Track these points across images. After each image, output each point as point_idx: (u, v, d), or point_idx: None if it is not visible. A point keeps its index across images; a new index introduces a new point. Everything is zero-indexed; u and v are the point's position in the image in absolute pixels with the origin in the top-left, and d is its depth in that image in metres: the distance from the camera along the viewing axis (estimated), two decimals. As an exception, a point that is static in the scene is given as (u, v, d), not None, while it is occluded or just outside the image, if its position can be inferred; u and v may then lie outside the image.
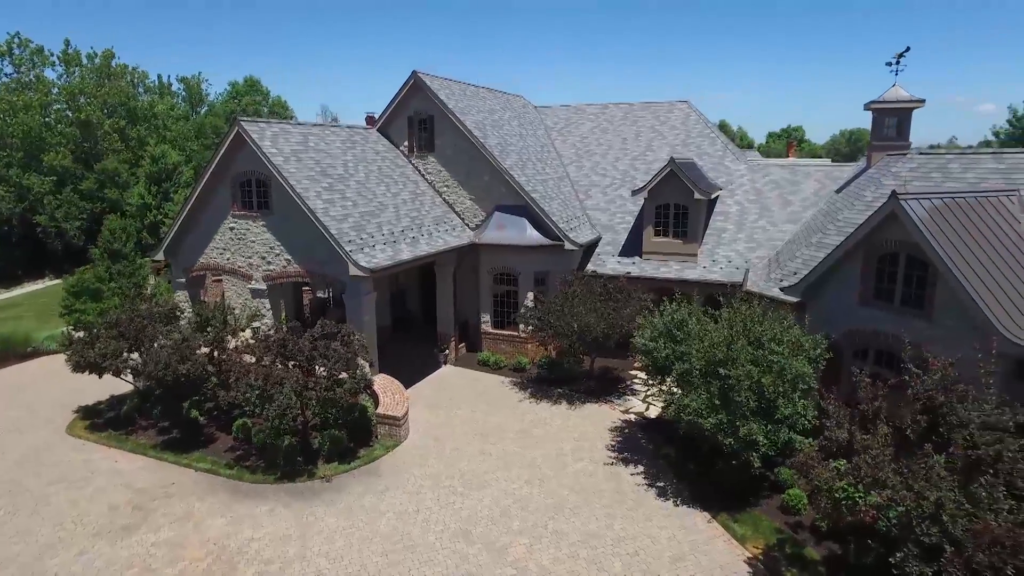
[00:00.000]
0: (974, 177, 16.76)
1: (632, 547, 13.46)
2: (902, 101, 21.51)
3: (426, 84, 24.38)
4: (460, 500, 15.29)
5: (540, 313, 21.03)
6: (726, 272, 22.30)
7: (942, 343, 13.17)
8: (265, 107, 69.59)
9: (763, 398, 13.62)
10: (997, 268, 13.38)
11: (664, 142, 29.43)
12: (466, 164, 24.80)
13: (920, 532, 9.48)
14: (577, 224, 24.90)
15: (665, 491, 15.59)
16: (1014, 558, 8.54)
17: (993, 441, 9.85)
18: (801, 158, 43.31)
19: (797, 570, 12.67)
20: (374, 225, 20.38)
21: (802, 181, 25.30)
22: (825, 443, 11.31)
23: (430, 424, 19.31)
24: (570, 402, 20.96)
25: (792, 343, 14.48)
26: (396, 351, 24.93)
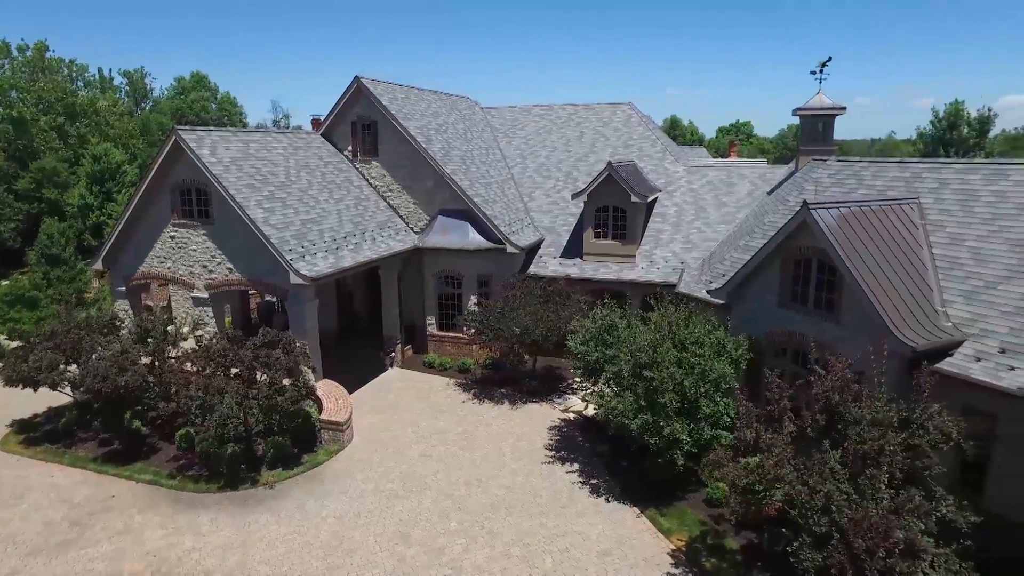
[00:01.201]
0: (882, 184, 17.82)
1: (563, 543, 14.13)
2: (825, 108, 22.62)
3: (368, 89, 24.60)
4: (400, 503, 15.76)
5: (481, 316, 21.56)
6: (663, 273, 23.14)
7: (848, 343, 14.12)
8: (213, 104, 68.51)
9: (686, 399, 14.41)
10: (895, 273, 14.37)
11: (607, 144, 30.18)
12: (410, 169, 25.11)
13: (812, 523, 10.33)
14: (520, 227, 25.46)
15: (598, 488, 16.31)
16: (884, 541, 9.42)
17: (878, 436, 10.75)
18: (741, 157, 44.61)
19: (716, 560, 13.52)
20: (316, 232, 20.60)
21: (737, 182, 26.31)
22: (735, 442, 12.11)
23: (374, 428, 19.70)
24: (512, 402, 21.57)
25: (715, 345, 15.32)
26: (343, 354, 25.18)
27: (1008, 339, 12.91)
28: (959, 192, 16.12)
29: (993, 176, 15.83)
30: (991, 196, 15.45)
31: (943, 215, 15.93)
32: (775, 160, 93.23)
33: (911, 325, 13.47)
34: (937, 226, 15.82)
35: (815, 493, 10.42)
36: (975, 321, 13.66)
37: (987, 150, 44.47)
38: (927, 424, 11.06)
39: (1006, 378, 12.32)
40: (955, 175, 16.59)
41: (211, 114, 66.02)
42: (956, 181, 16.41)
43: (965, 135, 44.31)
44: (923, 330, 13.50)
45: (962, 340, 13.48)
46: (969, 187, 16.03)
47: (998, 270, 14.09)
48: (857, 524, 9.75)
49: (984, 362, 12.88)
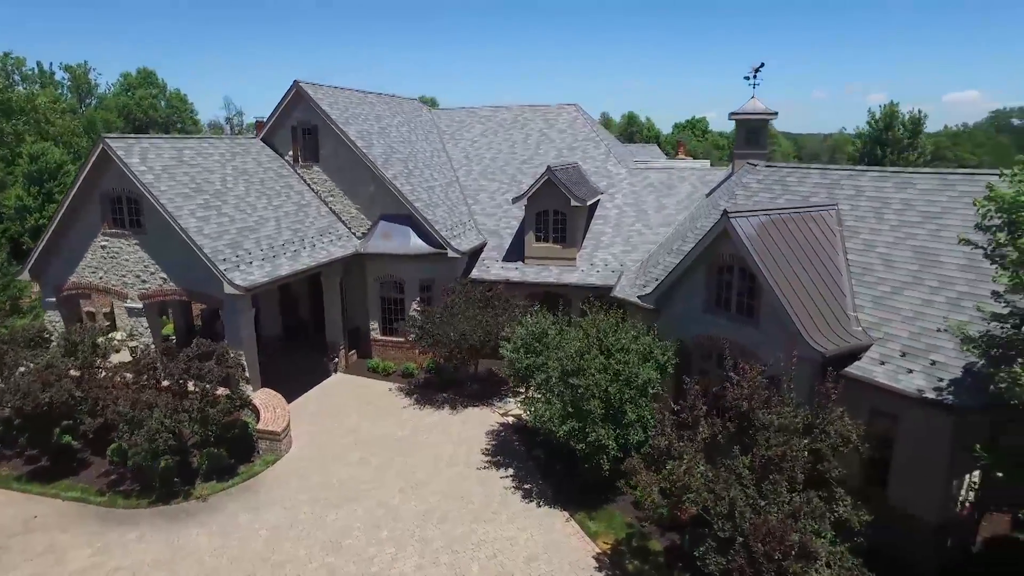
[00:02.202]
0: (806, 190, 18.43)
1: (491, 550, 14.40)
2: (759, 113, 23.18)
3: (308, 94, 24.45)
4: (335, 512, 15.85)
5: (421, 322, 21.68)
6: (603, 276, 23.52)
7: (767, 348, 14.65)
8: (162, 100, 66.96)
9: (610, 405, 14.77)
10: (811, 280, 14.93)
11: (551, 146, 30.46)
12: (351, 174, 25.05)
13: (717, 528, 10.77)
14: (462, 231, 25.61)
15: (531, 493, 16.61)
16: (781, 545, 9.89)
17: (782, 442, 11.22)
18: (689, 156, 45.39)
19: (639, 562, 13.93)
20: (252, 240, 20.46)
21: (677, 184, 26.82)
22: (650, 450, 12.50)
23: (314, 435, 19.70)
24: (453, 407, 21.76)
25: (641, 351, 15.71)
26: (287, 361, 25.08)
27: (908, 343, 13.56)
28: (873, 199, 16.78)
29: (902, 184, 16.52)
30: (900, 204, 16.13)
31: (858, 222, 16.57)
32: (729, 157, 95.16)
33: (822, 331, 14.02)
34: (853, 232, 16.45)
35: (720, 500, 10.85)
36: (881, 325, 14.29)
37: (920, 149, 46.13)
38: (828, 429, 11.57)
39: (904, 380, 12.95)
40: (870, 182, 17.25)
41: (160, 112, 64.55)
42: (871, 188, 17.07)
43: (899, 135, 45.88)
44: (834, 335, 14.06)
45: (869, 344, 14.09)
46: (882, 195, 16.70)
47: (903, 276, 14.76)
48: (757, 529, 10.19)
49: (887, 365, 13.51)
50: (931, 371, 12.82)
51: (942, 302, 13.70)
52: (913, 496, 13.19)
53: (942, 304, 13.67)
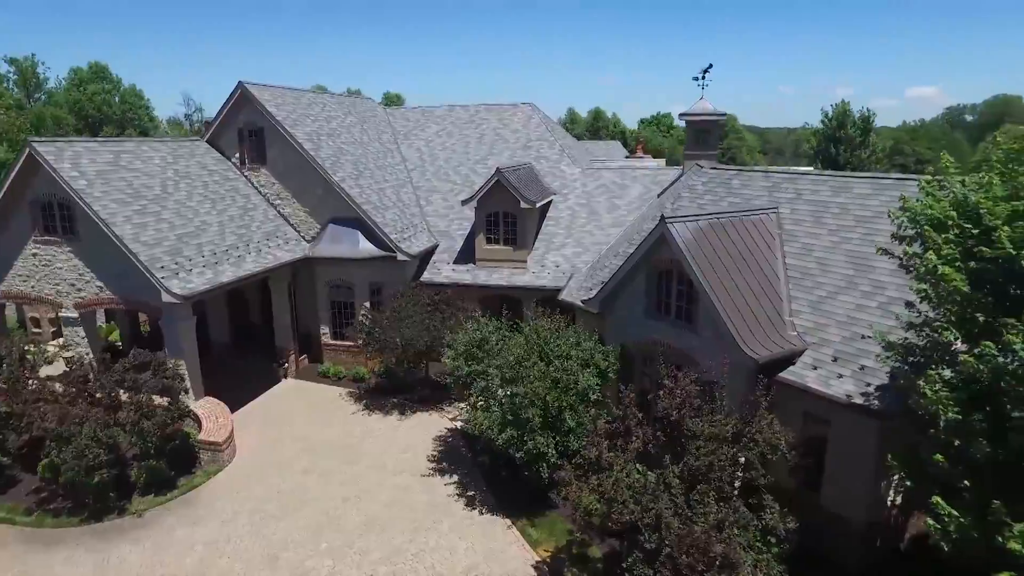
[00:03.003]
0: (749, 193, 18.56)
1: (430, 560, 14.28)
2: (708, 114, 23.28)
3: (254, 96, 23.95)
4: (275, 524, 15.59)
5: (368, 327, 21.44)
6: (554, 278, 23.45)
7: (705, 354, 14.70)
8: (116, 96, 65.27)
9: (548, 412, 14.71)
10: (748, 285, 15.02)
11: (506, 145, 30.29)
12: (299, 176, 24.62)
13: (644, 539, 10.78)
14: (413, 233, 25.36)
15: (474, 500, 16.52)
16: (704, 556, 9.93)
17: (709, 452, 11.27)
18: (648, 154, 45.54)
19: (578, 570, 13.93)
20: (194, 247, 19.99)
21: (630, 185, 26.83)
22: (580, 460, 12.48)
23: (259, 444, 19.36)
24: (402, 412, 21.57)
25: (581, 356, 15.68)
26: (236, 367, 24.61)
27: (840, 347, 13.72)
28: (812, 203, 16.95)
29: (840, 188, 16.71)
30: (837, 208, 16.31)
31: (797, 225, 16.73)
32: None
33: (757, 336, 14.12)
34: (791, 236, 16.60)
35: (647, 511, 10.86)
36: (817, 330, 14.44)
37: (871, 147, 47.01)
38: (757, 437, 11.65)
39: (834, 385, 13.09)
40: (809, 186, 17.43)
41: (114, 108, 62.90)
42: (809, 192, 17.24)
43: (852, 133, 46.71)
44: (769, 341, 14.17)
45: (804, 349, 14.23)
46: (820, 198, 16.87)
47: (838, 280, 14.92)
48: (681, 540, 10.22)
49: (819, 370, 13.65)
50: (860, 376, 12.98)
51: (874, 307, 13.88)
52: (843, 498, 13.38)
53: (874, 309, 13.85)
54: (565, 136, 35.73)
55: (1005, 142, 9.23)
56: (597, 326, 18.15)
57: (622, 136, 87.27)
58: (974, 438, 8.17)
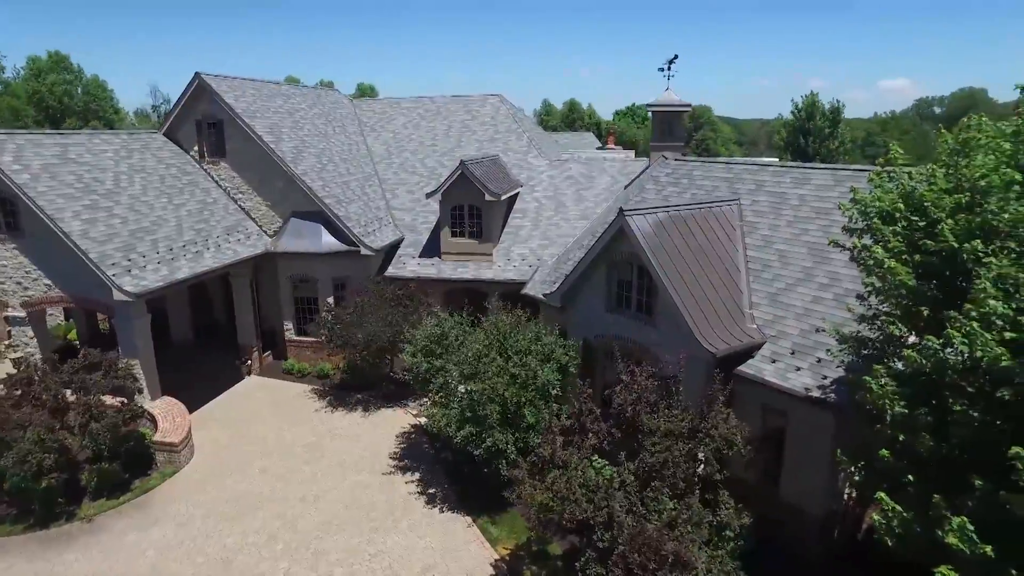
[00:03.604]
0: (710, 184, 18.46)
1: (387, 560, 14.04)
2: (673, 105, 23.09)
3: (211, 87, 23.35)
4: (230, 526, 15.24)
5: (330, 323, 21.08)
6: (520, 271, 23.23)
7: (665, 348, 14.57)
8: (78, 88, 63.65)
9: (507, 409, 14.51)
10: (707, 278, 14.91)
11: (473, 137, 29.96)
12: (260, 170, 24.10)
13: (597, 537, 10.63)
14: (378, 226, 24.98)
15: (435, 498, 16.29)
16: (656, 555, 9.80)
17: (664, 448, 11.13)
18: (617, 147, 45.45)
19: (537, 567, 13.77)
20: (148, 242, 19.45)
21: (597, 176, 26.66)
22: (535, 458, 12.30)
23: (218, 444, 18.95)
24: (366, 409, 21.26)
25: (541, 352, 15.47)
26: (198, 365, 24.15)
27: (798, 340, 13.66)
28: (772, 194, 16.87)
29: (800, 180, 16.65)
30: (796, 199, 16.25)
31: (758, 217, 16.65)
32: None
33: (716, 330, 14.01)
34: (752, 228, 16.51)
35: (600, 509, 10.71)
36: (775, 323, 14.38)
37: (839, 138, 47.34)
38: (712, 432, 11.53)
39: (792, 379, 13.03)
40: (770, 177, 17.35)
41: (76, 100, 61.32)
42: (771, 183, 17.17)
43: (820, 125, 46.99)
44: (728, 334, 14.07)
45: (763, 342, 14.16)
46: (781, 190, 16.80)
47: (797, 272, 14.86)
48: (634, 539, 10.08)
49: (777, 363, 13.59)
50: (817, 369, 12.94)
51: (830, 299, 13.83)
52: (802, 491, 13.36)
53: (830, 301, 13.80)
54: (534, 128, 35.45)
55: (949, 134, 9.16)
56: (560, 320, 17.96)
57: (597, 127, 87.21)
58: (918, 432, 8.10)
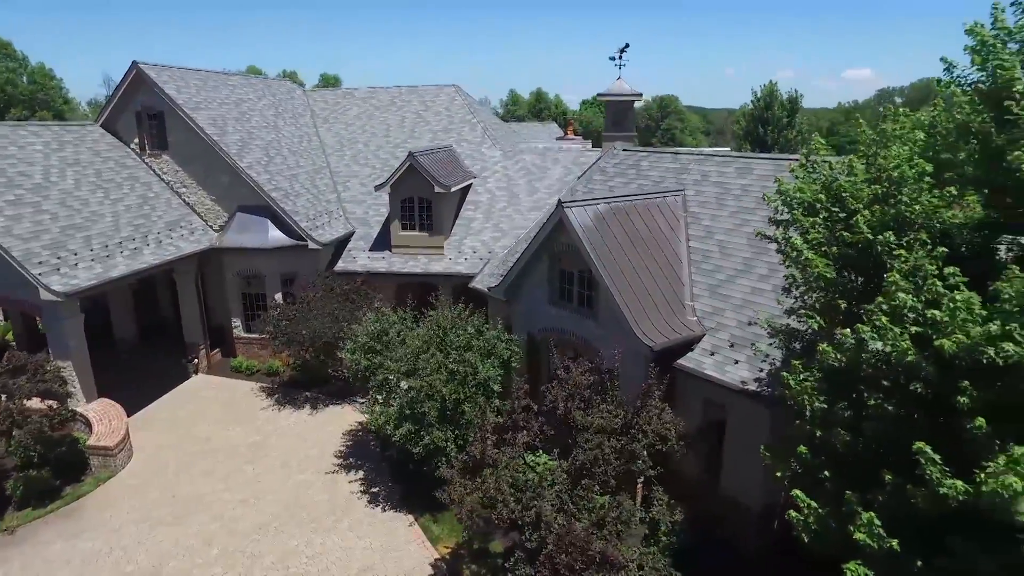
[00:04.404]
0: (657, 175, 18.31)
1: (325, 562, 13.74)
2: (624, 94, 22.93)
3: (150, 77, 22.59)
4: (165, 531, 14.80)
5: (274, 320, 20.62)
6: (471, 264, 22.93)
7: (606, 342, 14.39)
8: (22, 76, 61.46)
9: (445, 406, 14.24)
10: (648, 270, 14.75)
11: (427, 128, 29.52)
12: (204, 163, 23.42)
13: (525, 538, 10.45)
14: (328, 220, 24.48)
15: (377, 497, 16.01)
16: (583, 555, 9.63)
17: (594, 445, 10.97)
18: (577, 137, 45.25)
19: (477, 566, 13.56)
20: (81, 239, 18.76)
21: (551, 167, 26.43)
22: (466, 457, 12.07)
23: (159, 446, 18.42)
24: (314, 406, 20.86)
25: (483, 347, 15.22)
26: (142, 364, 23.55)
27: (736, 332, 13.57)
28: (716, 185, 16.76)
29: (743, 170, 16.55)
30: (739, 190, 16.15)
31: (702, 208, 16.53)
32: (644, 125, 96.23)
33: (655, 323, 13.86)
34: (695, 219, 16.40)
35: (528, 509, 10.52)
36: (715, 315, 14.28)
37: (797, 128, 47.70)
38: (645, 428, 11.40)
39: (730, 372, 12.94)
40: (715, 168, 17.23)
41: (20, 88, 59.24)
42: (715, 174, 17.05)
43: (778, 114, 47.29)
44: (667, 327, 13.94)
45: (702, 335, 14.06)
46: (724, 180, 16.70)
47: (737, 263, 14.77)
48: (560, 539, 9.91)
49: (716, 356, 13.49)
50: (755, 362, 12.85)
51: (768, 290, 13.75)
52: (741, 484, 13.31)
53: (769, 293, 13.72)
54: (490, 118, 35.08)
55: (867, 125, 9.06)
56: (507, 314, 17.73)
57: (564, 117, 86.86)
58: (834, 428, 8.01)
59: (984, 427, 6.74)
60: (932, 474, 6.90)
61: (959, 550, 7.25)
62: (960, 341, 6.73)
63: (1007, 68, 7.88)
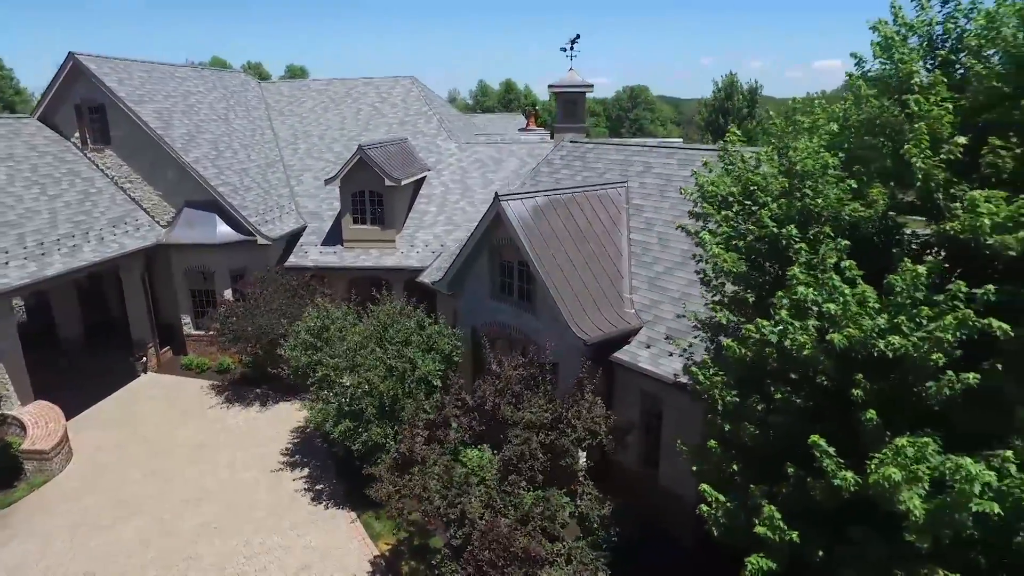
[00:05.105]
0: (603, 166, 18.28)
1: (263, 562, 13.60)
2: (576, 85, 22.89)
3: (89, 69, 22.00)
4: (101, 536, 14.50)
5: (221, 317, 20.30)
6: (422, 257, 22.76)
7: (544, 336, 14.37)
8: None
9: (384, 402, 14.12)
10: (587, 263, 14.73)
11: (383, 121, 29.20)
12: (149, 157, 22.91)
13: (451, 535, 10.40)
14: (279, 215, 24.13)
15: (321, 494, 15.86)
16: (506, 552, 9.61)
17: (522, 441, 10.93)
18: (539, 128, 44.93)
19: (416, 562, 13.50)
20: (14, 237, 18.24)
21: (505, 159, 26.29)
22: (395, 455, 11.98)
23: (101, 448, 18.05)
24: (264, 403, 20.61)
25: (423, 342, 15.11)
26: (88, 363, 23.06)
27: (673, 325, 13.60)
28: (659, 176, 16.77)
29: (686, 161, 16.56)
30: (681, 181, 16.10)
31: (644, 199, 16.53)
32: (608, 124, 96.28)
33: (592, 317, 13.86)
34: (638, 210, 16.40)
35: (453, 507, 10.46)
36: (652, 307, 14.30)
37: (758, 118, 48.03)
38: (574, 422, 11.38)
39: (664, 364, 12.98)
40: (658, 159, 17.24)
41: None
42: (658, 165, 17.05)
43: (739, 105, 47.63)
44: (604, 321, 13.94)
45: (639, 327, 14.08)
46: (667, 171, 16.70)
47: (675, 255, 14.79)
48: (484, 536, 9.87)
49: (652, 348, 13.52)
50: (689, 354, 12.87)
51: (704, 282, 13.78)
52: (678, 476, 13.35)
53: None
54: (447, 110, 34.80)
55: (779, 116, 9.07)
56: (453, 308, 17.63)
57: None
58: (741, 422, 8.05)
59: (875, 419, 6.81)
60: (828, 466, 6.96)
61: (858, 539, 7.35)
62: (851, 335, 6.77)
63: (906, 62, 7.94)
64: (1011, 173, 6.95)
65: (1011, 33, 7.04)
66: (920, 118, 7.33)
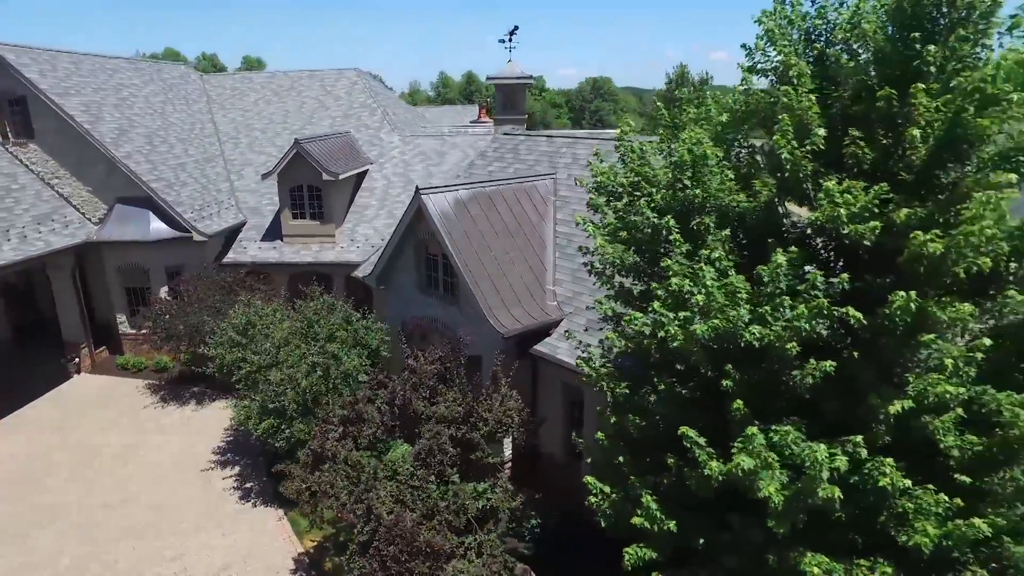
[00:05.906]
0: (533, 159, 18.28)
1: (184, 563, 13.41)
2: (515, 77, 22.85)
3: (8, 60, 21.30)
4: (13, 545, 14.10)
5: (154, 315, 19.94)
6: (362, 251, 22.54)
7: (466, 329, 14.31)
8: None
9: (306, 398, 13.99)
10: (509, 255, 14.73)
11: (327, 114, 28.85)
12: (77, 152, 22.30)
13: (358, 531, 10.36)
14: (217, 210, 23.71)
15: (250, 493, 15.70)
16: (410, 546, 9.60)
17: (433, 435, 10.91)
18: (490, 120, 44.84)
19: (340, 559, 13.37)
20: (-72, 236, 17.69)
21: (448, 152, 26.16)
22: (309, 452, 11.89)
23: (23, 454, 17.59)
24: (200, 402, 20.31)
25: (348, 338, 14.99)
26: (15, 365, 22.49)
27: (592, 316, 13.60)
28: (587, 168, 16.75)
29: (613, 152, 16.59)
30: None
31: (571, 191, 16.55)
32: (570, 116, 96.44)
33: (512, 309, 13.87)
34: (564, 202, 16.43)
35: (359, 502, 10.42)
36: (574, 299, 14.36)
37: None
38: (486, 415, 11.39)
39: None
40: (585, 150, 17.27)
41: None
42: (585, 156, 17.03)
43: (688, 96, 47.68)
44: (524, 312, 13.97)
45: (560, 319, 14.13)
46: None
47: (598, 247, 14.83)
48: (389, 531, 9.84)
49: (571, 341, 13.50)
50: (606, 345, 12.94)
51: (623, 273, 13.87)
52: (598, 465, 13.48)
53: (623, 275, 13.85)
54: (393, 103, 34.54)
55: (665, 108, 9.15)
56: (385, 302, 17.53)
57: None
58: (626, 414, 8.13)
59: (742, 408, 6.92)
60: (700, 456, 7.06)
61: (736, 526, 7.48)
62: (716, 326, 6.86)
63: (786, 55, 8.04)
64: (871, 164, 7.09)
65: (872, 28, 7.16)
66: (789, 109, 7.44)
